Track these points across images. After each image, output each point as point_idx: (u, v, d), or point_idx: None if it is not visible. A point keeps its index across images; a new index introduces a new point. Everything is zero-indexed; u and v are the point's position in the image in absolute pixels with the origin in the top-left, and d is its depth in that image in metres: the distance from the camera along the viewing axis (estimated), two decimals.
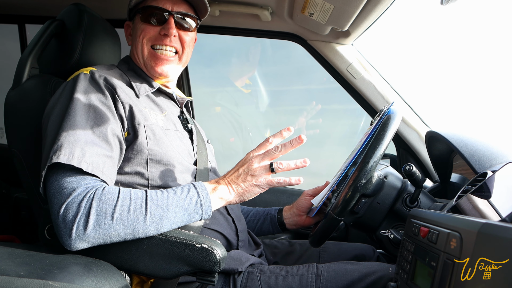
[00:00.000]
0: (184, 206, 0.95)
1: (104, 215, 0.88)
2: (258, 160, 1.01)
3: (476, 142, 1.20)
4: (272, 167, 1.00)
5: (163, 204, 0.93)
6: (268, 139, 1.02)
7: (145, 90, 1.20)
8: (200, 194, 0.98)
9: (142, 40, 1.21)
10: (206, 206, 0.98)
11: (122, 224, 0.89)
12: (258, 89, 2.99)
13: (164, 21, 1.21)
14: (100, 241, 0.89)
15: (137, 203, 0.91)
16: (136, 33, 1.23)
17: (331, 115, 3.03)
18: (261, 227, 1.48)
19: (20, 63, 1.23)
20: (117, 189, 0.93)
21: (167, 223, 0.94)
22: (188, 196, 0.96)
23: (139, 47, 1.22)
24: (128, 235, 0.90)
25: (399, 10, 1.61)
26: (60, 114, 1.01)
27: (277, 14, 1.75)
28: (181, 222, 0.96)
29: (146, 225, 0.91)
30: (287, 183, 1.01)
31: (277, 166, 1.00)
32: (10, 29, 2.23)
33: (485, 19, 3.89)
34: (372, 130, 1.10)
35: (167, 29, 1.19)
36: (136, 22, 1.24)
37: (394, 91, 1.82)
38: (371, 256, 1.38)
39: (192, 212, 0.96)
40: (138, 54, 1.23)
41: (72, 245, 0.87)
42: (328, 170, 2.87)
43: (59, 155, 0.92)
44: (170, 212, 0.93)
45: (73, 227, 0.86)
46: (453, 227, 0.68)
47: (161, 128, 1.13)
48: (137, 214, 0.90)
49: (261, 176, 1.01)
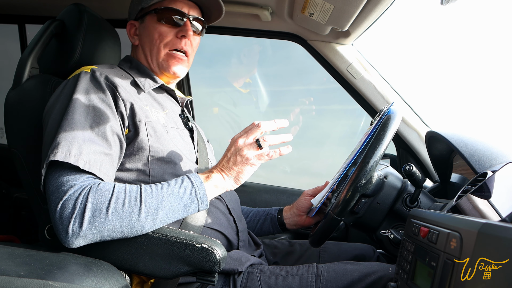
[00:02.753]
0: (178, 196, 0.96)
1: (99, 209, 0.88)
2: (242, 140, 1.02)
3: (476, 142, 1.20)
4: (258, 143, 1.01)
5: (157, 196, 0.94)
6: (254, 123, 1.04)
7: (149, 85, 1.21)
8: (194, 183, 0.99)
9: (159, 42, 1.22)
10: (201, 194, 0.99)
11: (117, 217, 0.89)
12: (257, 89, 2.99)
13: (180, 24, 1.23)
14: (98, 236, 0.89)
15: (131, 196, 0.92)
16: (151, 34, 1.23)
17: (331, 115, 3.03)
18: (261, 227, 1.48)
19: (20, 63, 1.23)
20: (112, 184, 0.94)
21: (163, 214, 0.94)
22: (182, 186, 0.97)
23: (155, 49, 1.23)
24: (125, 229, 0.90)
25: (399, 10, 1.61)
26: (60, 112, 1.02)
27: (277, 14, 1.75)
28: (177, 213, 0.96)
29: (142, 217, 0.91)
30: (278, 154, 1.02)
31: (262, 140, 1.01)
32: (10, 29, 2.23)
33: (485, 19, 3.89)
34: (372, 130, 1.10)
35: (185, 31, 1.22)
36: (149, 22, 1.24)
37: (394, 91, 1.82)
38: (371, 256, 1.38)
39: (188, 202, 0.97)
40: (152, 54, 1.24)
41: (70, 242, 0.88)
42: (328, 170, 2.87)
43: (56, 153, 0.92)
44: (165, 202, 0.94)
45: (70, 223, 0.87)
46: (453, 227, 0.68)
47: (162, 126, 1.14)
48: (132, 206, 0.91)
49: (250, 153, 1.01)
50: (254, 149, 1.02)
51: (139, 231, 0.92)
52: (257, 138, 1.02)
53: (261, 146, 1.01)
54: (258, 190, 2.10)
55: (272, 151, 1.02)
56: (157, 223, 0.94)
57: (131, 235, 0.92)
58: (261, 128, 1.02)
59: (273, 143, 1.03)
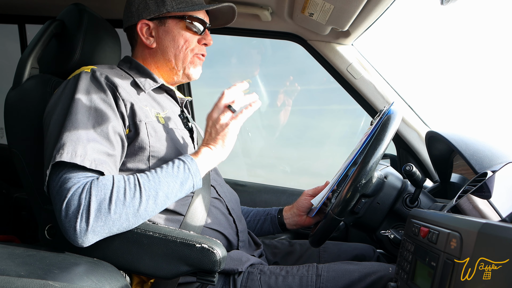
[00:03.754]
0: (174, 175, 1.00)
1: (103, 200, 0.89)
2: (216, 111, 1.11)
3: (476, 142, 1.20)
4: (231, 108, 1.09)
5: (154, 178, 0.97)
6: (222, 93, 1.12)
7: (149, 85, 1.22)
8: (186, 161, 1.03)
9: (186, 48, 1.26)
10: (194, 170, 1.03)
11: (121, 205, 0.90)
12: (257, 89, 2.99)
13: (202, 32, 1.28)
14: (105, 229, 0.89)
15: (130, 183, 0.94)
16: (176, 39, 1.25)
17: (331, 115, 3.03)
18: (262, 227, 1.48)
19: (20, 63, 1.23)
20: (110, 176, 0.95)
21: (163, 195, 0.96)
22: (175, 166, 1.02)
23: (181, 54, 1.26)
24: (130, 216, 0.91)
25: (399, 10, 1.61)
26: (62, 113, 1.02)
27: (277, 14, 1.75)
28: (176, 191, 0.99)
29: (143, 201, 0.93)
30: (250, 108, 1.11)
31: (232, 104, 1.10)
32: (10, 29, 2.23)
33: (485, 19, 3.89)
34: (372, 130, 1.10)
35: (208, 40, 1.30)
36: (173, 27, 1.25)
37: (394, 91, 1.82)
38: (371, 256, 1.38)
39: (183, 179, 1.01)
40: (177, 59, 1.26)
41: (80, 240, 0.88)
42: (328, 170, 2.87)
43: (62, 154, 0.93)
44: (163, 183, 0.97)
45: (77, 220, 0.87)
46: (453, 227, 0.68)
47: (162, 126, 1.14)
48: (132, 192, 0.93)
49: (225, 118, 1.09)
50: (228, 114, 1.09)
51: (143, 216, 0.94)
52: (229, 105, 1.09)
53: (234, 110, 1.10)
54: (258, 190, 2.10)
55: (243, 108, 1.11)
56: (159, 204, 0.96)
57: (137, 222, 0.93)
58: (226, 95, 1.11)
59: (243, 104, 1.12)
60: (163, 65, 1.27)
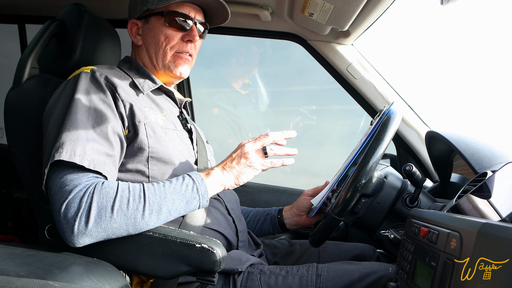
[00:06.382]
0: (181, 192, 0.98)
1: (104, 208, 0.89)
2: (250, 145, 1.08)
3: (476, 142, 1.20)
4: (265, 150, 1.07)
5: (160, 193, 0.96)
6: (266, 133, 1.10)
7: (148, 86, 1.21)
8: (195, 180, 1.01)
9: (165, 45, 1.23)
10: (203, 191, 1.01)
11: (122, 216, 0.90)
12: (257, 89, 2.99)
13: (186, 28, 1.23)
14: (103, 235, 0.89)
15: (135, 194, 0.93)
16: (157, 36, 1.23)
17: (331, 115, 3.03)
18: (261, 228, 1.48)
19: (20, 63, 1.23)
20: (115, 182, 0.94)
21: (166, 211, 0.95)
22: (184, 183, 1.00)
23: (160, 51, 1.23)
24: (130, 227, 0.91)
25: (399, 10, 1.61)
26: (61, 113, 1.02)
27: (277, 14, 1.75)
28: (180, 210, 0.98)
29: (146, 215, 0.92)
30: (281, 163, 1.08)
31: (269, 149, 1.07)
32: (10, 29, 2.23)
33: (485, 19, 3.89)
34: (372, 130, 1.10)
35: (192, 36, 1.23)
36: (155, 24, 1.24)
37: (394, 91, 1.82)
38: (371, 256, 1.38)
39: (190, 198, 0.99)
40: (158, 56, 1.24)
41: (75, 241, 0.88)
42: (328, 170, 2.87)
43: (61, 153, 0.93)
44: (168, 199, 0.96)
45: (75, 222, 0.87)
46: (453, 227, 0.68)
47: (161, 127, 1.14)
48: (136, 204, 0.92)
49: (255, 158, 1.07)
50: (259, 155, 1.07)
51: (143, 228, 0.93)
52: (264, 146, 1.07)
53: (267, 154, 1.07)
54: (258, 190, 2.10)
55: (276, 160, 1.08)
56: (161, 219, 0.95)
57: (135, 232, 0.93)
58: (270, 136, 1.08)
59: (279, 154, 1.09)
60: (148, 63, 1.27)
